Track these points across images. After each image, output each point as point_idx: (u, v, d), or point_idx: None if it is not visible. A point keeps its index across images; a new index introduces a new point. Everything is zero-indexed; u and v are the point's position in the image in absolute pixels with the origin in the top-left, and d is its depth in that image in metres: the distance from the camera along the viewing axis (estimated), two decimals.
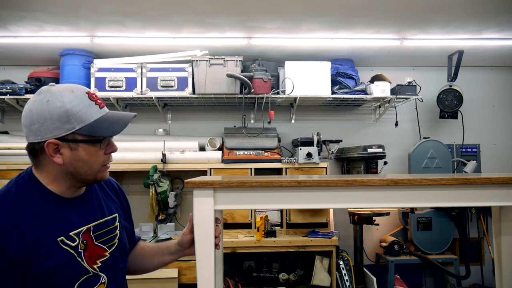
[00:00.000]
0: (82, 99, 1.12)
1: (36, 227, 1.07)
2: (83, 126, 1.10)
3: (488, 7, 2.68)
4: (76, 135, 1.10)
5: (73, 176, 1.14)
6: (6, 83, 3.37)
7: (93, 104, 1.13)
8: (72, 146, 1.11)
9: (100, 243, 1.20)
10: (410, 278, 3.80)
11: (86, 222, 1.18)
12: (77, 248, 1.13)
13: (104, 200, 1.30)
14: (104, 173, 1.20)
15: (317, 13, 2.75)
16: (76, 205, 1.19)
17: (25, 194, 1.10)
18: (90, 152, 1.13)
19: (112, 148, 1.19)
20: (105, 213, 1.26)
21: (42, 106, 1.09)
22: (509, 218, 1.38)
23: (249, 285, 3.30)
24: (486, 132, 4.07)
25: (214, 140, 3.49)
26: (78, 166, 1.13)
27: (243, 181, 1.28)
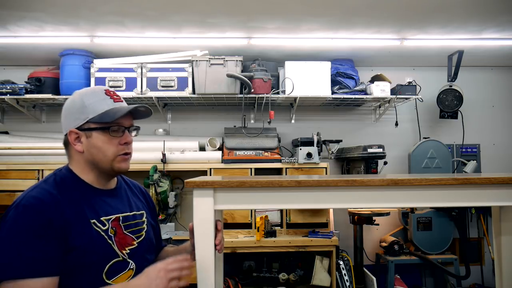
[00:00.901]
0: (98, 94, 1.28)
1: (72, 208, 1.19)
2: (94, 115, 1.24)
3: (488, 7, 2.68)
4: (90, 124, 1.25)
5: (93, 164, 1.27)
6: (6, 83, 3.37)
7: (108, 98, 1.27)
8: (87, 134, 1.26)
9: (128, 233, 1.30)
10: (410, 278, 3.80)
11: (116, 212, 1.30)
12: (107, 232, 1.24)
13: (132, 198, 1.41)
14: (121, 163, 1.29)
15: (317, 13, 2.75)
16: (107, 196, 1.31)
17: (63, 182, 1.24)
18: (103, 140, 1.25)
19: (126, 139, 1.29)
20: (133, 208, 1.37)
21: (68, 103, 1.30)
22: (509, 218, 1.38)
23: (249, 285, 3.30)
24: (486, 132, 4.07)
25: (214, 140, 3.49)
26: (94, 153, 1.26)
27: (243, 181, 1.28)
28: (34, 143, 3.37)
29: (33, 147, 3.31)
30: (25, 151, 3.30)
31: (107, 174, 1.30)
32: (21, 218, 1.12)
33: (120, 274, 1.23)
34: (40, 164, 3.25)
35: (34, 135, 3.60)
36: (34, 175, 3.23)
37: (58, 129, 4.15)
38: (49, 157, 3.29)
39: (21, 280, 1.07)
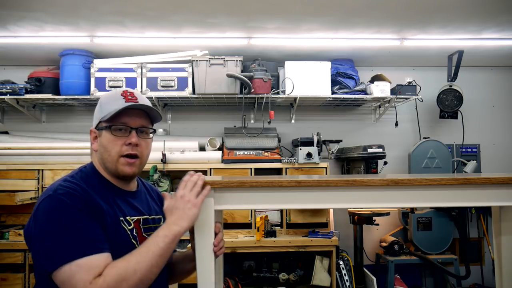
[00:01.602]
0: (114, 94, 1.29)
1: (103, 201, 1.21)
2: (106, 114, 1.25)
3: (488, 7, 2.68)
4: (102, 123, 1.27)
5: (103, 163, 1.28)
6: (6, 83, 3.37)
7: (121, 99, 1.27)
8: (99, 133, 1.29)
9: (147, 236, 1.28)
10: (410, 278, 3.80)
11: (137, 214, 1.31)
12: (132, 231, 1.25)
13: (151, 202, 1.42)
14: (124, 167, 1.27)
15: (317, 13, 2.75)
16: (129, 197, 1.32)
17: (88, 179, 1.24)
18: (108, 139, 1.26)
19: (130, 139, 1.27)
20: (152, 212, 1.38)
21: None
22: (509, 218, 1.38)
23: (249, 285, 3.30)
24: (486, 132, 4.07)
25: (214, 140, 3.49)
26: (102, 152, 1.27)
27: (243, 181, 1.28)
28: (34, 143, 3.37)
29: (33, 147, 3.31)
30: (25, 151, 3.30)
31: (117, 176, 1.29)
32: (61, 204, 1.12)
33: None
34: (40, 164, 3.25)
35: (34, 135, 3.60)
36: (34, 175, 3.23)
37: (58, 129, 4.16)
38: (49, 157, 3.29)
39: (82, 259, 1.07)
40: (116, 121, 1.25)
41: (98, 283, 1.06)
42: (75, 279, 1.05)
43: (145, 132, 1.31)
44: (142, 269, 1.11)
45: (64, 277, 1.06)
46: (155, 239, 1.16)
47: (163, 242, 1.16)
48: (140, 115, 1.29)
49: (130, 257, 1.13)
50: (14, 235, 3.14)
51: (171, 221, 1.20)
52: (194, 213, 1.20)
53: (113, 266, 1.10)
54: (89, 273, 1.06)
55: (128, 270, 1.09)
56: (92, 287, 1.05)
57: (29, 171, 3.23)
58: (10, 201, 2.94)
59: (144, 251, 1.14)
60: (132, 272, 1.09)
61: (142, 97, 1.33)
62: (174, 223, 1.19)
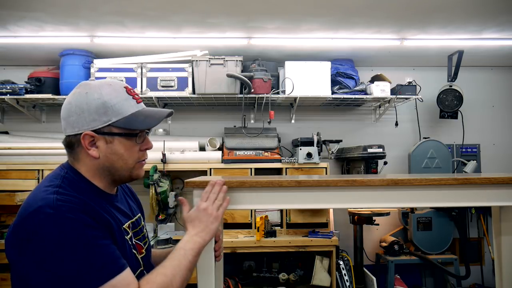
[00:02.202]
0: (119, 92, 1.12)
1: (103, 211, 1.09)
2: (120, 118, 1.10)
3: (488, 7, 2.68)
4: (112, 128, 1.10)
5: (110, 171, 1.13)
6: (6, 83, 3.37)
7: (131, 98, 1.13)
8: (108, 139, 1.10)
9: (137, 241, 1.22)
10: (410, 278, 3.80)
11: (126, 219, 1.20)
12: (131, 240, 1.17)
13: (128, 200, 1.32)
14: (140, 170, 1.19)
15: (317, 13, 2.75)
16: (115, 201, 1.20)
17: (77, 187, 1.08)
18: (126, 146, 1.12)
19: (147, 145, 1.18)
20: (134, 213, 1.28)
21: (80, 98, 1.10)
22: (509, 218, 1.38)
23: (249, 285, 3.30)
24: (486, 132, 4.07)
25: (214, 140, 3.49)
26: (114, 161, 1.12)
27: (243, 181, 1.28)
28: (34, 143, 3.37)
29: (33, 147, 3.31)
30: (25, 151, 3.30)
31: (120, 181, 1.19)
32: (71, 224, 0.97)
33: None
34: (40, 164, 3.25)
35: (34, 135, 3.60)
36: (34, 175, 3.23)
37: (58, 129, 4.14)
38: (49, 157, 3.29)
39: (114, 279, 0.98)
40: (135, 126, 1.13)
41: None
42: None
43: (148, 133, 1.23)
44: (177, 283, 1.08)
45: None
46: (184, 252, 1.13)
47: (191, 255, 1.14)
48: None
49: (165, 271, 1.08)
50: None
51: (194, 233, 1.18)
52: (216, 226, 1.21)
53: (152, 282, 1.05)
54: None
55: (166, 285, 1.06)
56: None
57: (29, 171, 3.23)
58: (10, 201, 2.94)
59: (176, 264, 1.11)
60: (170, 287, 1.06)
61: None
62: (198, 236, 1.17)
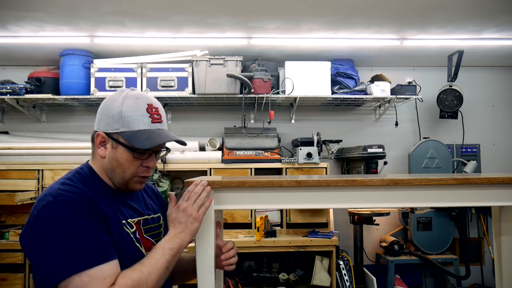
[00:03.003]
0: (139, 108, 1.20)
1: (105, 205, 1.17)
2: (126, 130, 1.18)
3: (488, 7, 2.68)
4: (120, 137, 1.19)
5: (110, 174, 1.23)
6: (6, 83, 3.37)
7: (147, 116, 1.20)
8: (114, 145, 1.20)
9: (148, 237, 1.28)
10: (410, 278, 3.80)
11: (137, 215, 1.28)
12: (135, 234, 1.23)
13: (148, 200, 1.39)
14: (136, 184, 1.25)
15: (317, 13, 2.75)
16: (127, 199, 1.28)
17: (87, 182, 1.20)
18: (126, 158, 1.20)
19: (149, 163, 1.24)
20: (150, 211, 1.35)
21: (108, 101, 1.23)
22: (509, 218, 1.38)
23: (249, 285, 3.30)
24: (486, 132, 4.07)
25: (214, 140, 3.49)
26: (114, 166, 1.21)
27: (243, 181, 1.28)
28: (34, 143, 3.37)
29: (33, 147, 3.31)
30: (25, 151, 3.30)
31: (119, 186, 1.26)
32: (65, 211, 1.07)
33: None
34: (40, 164, 3.25)
35: (34, 135, 3.60)
36: (34, 175, 3.23)
37: (58, 129, 4.15)
38: (49, 157, 3.29)
39: (93, 269, 1.04)
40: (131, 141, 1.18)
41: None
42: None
43: (160, 152, 1.29)
44: (153, 281, 1.12)
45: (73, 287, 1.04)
46: (162, 251, 1.17)
47: (169, 254, 1.17)
48: None
49: (142, 268, 1.13)
50: (14, 235, 3.14)
51: (174, 234, 1.21)
52: (196, 227, 1.22)
53: (128, 277, 1.09)
54: (103, 284, 1.05)
55: (141, 281, 1.10)
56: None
57: (29, 171, 3.23)
58: (10, 201, 2.94)
59: (154, 262, 1.14)
60: (145, 284, 1.10)
61: (163, 113, 1.27)
62: (177, 237, 1.20)
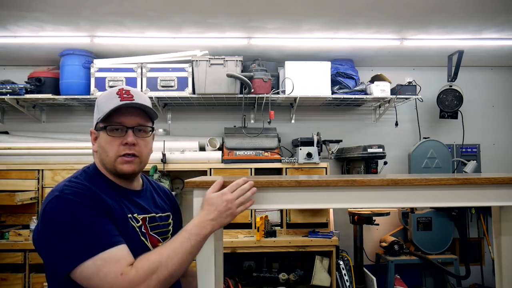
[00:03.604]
0: (110, 94, 1.27)
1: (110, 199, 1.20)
2: (102, 115, 1.23)
3: (488, 7, 2.68)
4: (99, 124, 1.25)
5: (103, 165, 1.27)
6: (6, 83, 3.37)
7: (116, 97, 1.24)
8: (97, 134, 1.27)
9: (154, 234, 1.29)
10: (410, 278, 3.80)
11: (143, 213, 1.29)
12: (141, 228, 1.25)
13: (158, 200, 1.41)
14: (123, 165, 1.25)
15: (317, 13, 2.75)
16: (134, 196, 1.31)
17: (93, 179, 1.24)
18: (106, 140, 1.24)
19: (126, 139, 1.24)
20: (158, 209, 1.36)
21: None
22: (509, 218, 1.38)
23: (249, 285, 3.30)
24: (486, 132, 4.07)
25: (214, 140, 3.49)
26: (101, 153, 1.26)
27: None
28: (34, 143, 3.37)
29: (33, 147, 3.31)
30: (25, 151, 3.30)
31: (117, 176, 1.28)
32: (70, 203, 1.11)
33: None
34: (40, 164, 3.25)
35: (34, 135, 3.60)
36: (34, 175, 3.23)
37: (58, 129, 4.15)
38: (49, 157, 3.29)
39: (105, 252, 1.07)
40: (111, 121, 1.23)
41: (130, 274, 1.06)
42: (103, 272, 1.05)
43: (143, 130, 1.28)
44: (173, 265, 1.10)
45: (88, 272, 1.05)
46: (188, 236, 1.15)
47: (195, 240, 1.15)
48: (136, 114, 1.26)
49: (162, 251, 1.12)
50: (14, 235, 3.14)
51: (205, 219, 1.17)
52: (228, 221, 1.20)
53: (146, 259, 1.09)
54: (118, 265, 1.06)
55: (160, 264, 1.09)
56: (123, 278, 1.05)
57: (29, 171, 3.23)
58: (10, 201, 2.94)
59: (177, 246, 1.13)
60: (164, 266, 1.09)
61: (139, 94, 1.29)
62: (207, 223, 1.16)
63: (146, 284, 1.06)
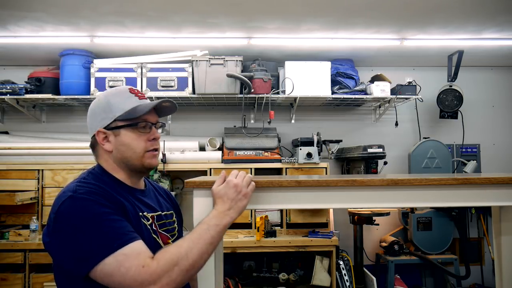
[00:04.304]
0: (122, 92, 1.29)
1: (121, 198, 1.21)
2: (122, 113, 1.24)
3: (488, 7, 2.68)
4: (118, 122, 1.25)
5: (124, 162, 1.27)
6: (6, 83, 3.37)
7: (133, 96, 1.28)
8: (116, 133, 1.25)
9: (163, 231, 1.31)
10: (410, 278, 3.80)
11: (150, 211, 1.31)
12: (152, 226, 1.27)
13: (161, 199, 1.43)
14: (152, 160, 1.29)
15: (317, 13, 2.75)
16: (140, 195, 1.32)
17: (101, 180, 1.23)
18: (131, 137, 1.26)
19: (154, 134, 1.29)
20: (163, 208, 1.38)
21: (93, 105, 1.31)
22: (509, 218, 1.38)
23: (249, 285, 3.30)
24: (486, 132, 4.07)
25: (214, 140, 3.49)
26: (123, 151, 1.26)
27: None
28: (34, 143, 3.37)
29: (33, 147, 3.31)
30: (25, 151, 3.30)
31: (138, 172, 1.30)
32: (86, 202, 1.11)
33: None
34: (40, 164, 3.25)
35: (34, 135, 3.60)
36: (34, 175, 3.23)
37: (58, 129, 4.14)
38: (49, 157, 3.29)
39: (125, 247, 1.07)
40: (137, 118, 1.25)
41: (152, 266, 1.06)
42: (125, 267, 1.05)
43: (159, 126, 1.35)
44: (194, 255, 1.11)
45: (109, 269, 1.05)
46: (207, 227, 1.15)
47: (215, 231, 1.15)
48: (152, 111, 1.31)
49: (182, 243, 1.13)
50: (14, 235, 3.14)
51: (222, 210, 1.18)
52: (244, 204, 1.21)
53: (166, 251, 1.11)
54: (139, 258, 1.06)
55: (180, 255, 1.09)
56: (146, 270, 1.05)
57: (29, 171, 3.23)
58: (10, 201, 2.94)
59: (196, 237, 1.14)
60: (184, 257, 1.09)
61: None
62: (225, 214, 1.18)
63: (168, 275, 1.06)
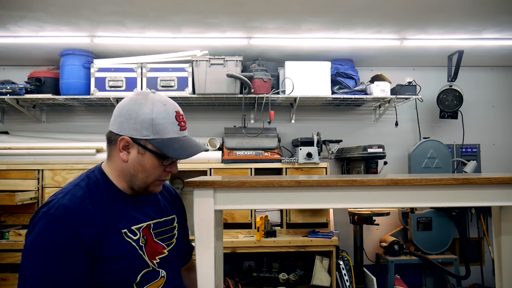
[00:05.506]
0: (169, 115, 1.22)
1: (104, 216, 1.17)
2: (157, 138, 1.19)
3: (488, 7, 2.68)
4: (148, 144, 1.19)
5: (131, 178, 1.23)
6: (6, 83, 3.37)
7: (176, 124, 1.24)
8: (140, 151, 1.20)
9: (159, 241, 1.29)
10: (410, 278, 3.80)
11: (146, 219, 1.28)
12: (138, 242, 1.22)
13: (162, 201, 1.39)
14: (157, 187, 1.29)
15: (317, 13, 2.75)
16: (138, 202, 1.28)
17: (95, 187, 1.21)
18: (153, 164, 1.22)
19: (173, 169, 1.27)
20: (164, 213, 1.36)
21: (135, 105, 1.20)
22: (509, 218, 1.38)
23: (249, 285, 3.30)
24: (486, 132, 4.07)
25: (214, 140, 3.49)
26: (138, 171, 1.22)
27: (243, 181, 1.28)
28: (34, 143, 3.37)
29: (33, 147, 3.31)
30: (25, 151, 3.30)
31: (135, 189, 1.27)
32: (48, 229, 1.09)
33: (151, 283, 1.23)
34: (40, 164, 3.25)
35: (34, 135, 3.60)
36: (34, 175, 3.23)
37: (58, 129, 4.14)
38: (49, 157, 3.29)
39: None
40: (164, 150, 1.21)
41: None
42: None
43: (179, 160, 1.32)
44: None
45: None
46: None
47: None
48: None
49: None
50: (14, 235, 3.14)
51: None
52: None
53: None
54: None
55: None
56: None
57: (29, 171, 3.23)
58: (10, 201, 2.93)
59: None
60: None
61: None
62: None
63: None
